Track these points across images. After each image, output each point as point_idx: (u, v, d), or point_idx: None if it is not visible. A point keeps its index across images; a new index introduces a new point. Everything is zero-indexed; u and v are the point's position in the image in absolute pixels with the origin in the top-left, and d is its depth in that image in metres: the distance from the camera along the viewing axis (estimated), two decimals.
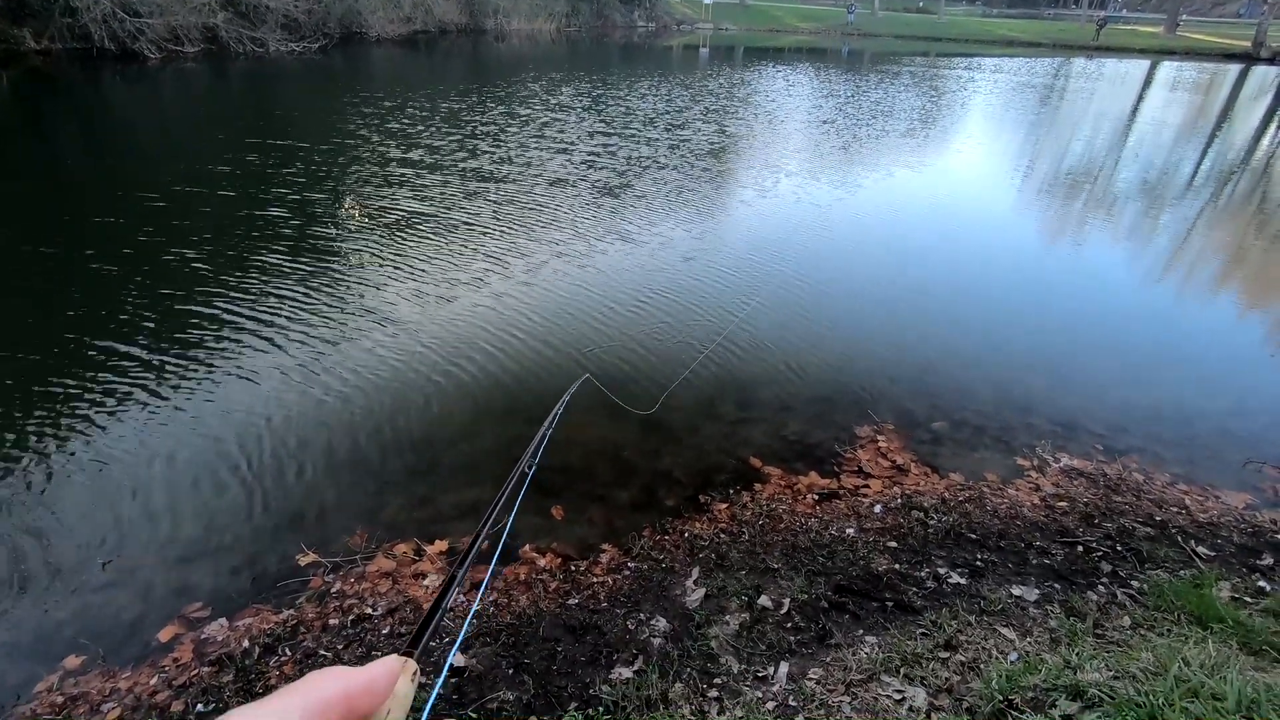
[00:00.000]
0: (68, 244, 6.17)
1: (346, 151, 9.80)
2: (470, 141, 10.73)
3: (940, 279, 6.50)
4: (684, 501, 3.44)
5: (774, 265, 6.47)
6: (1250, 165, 12.50)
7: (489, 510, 0.88)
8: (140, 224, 6.68)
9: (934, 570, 3.00)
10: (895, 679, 2.42)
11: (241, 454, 3.63)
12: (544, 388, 4.36)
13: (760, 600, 2.80)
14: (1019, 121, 15.90)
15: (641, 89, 17.10)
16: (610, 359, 4.73)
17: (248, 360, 4.51)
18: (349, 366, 4.49)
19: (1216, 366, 5.11)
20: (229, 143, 9.92)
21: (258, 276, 5.69)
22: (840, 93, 18.17)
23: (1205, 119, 17.64)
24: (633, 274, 6.09)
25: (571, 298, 5.57)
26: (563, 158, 10.01)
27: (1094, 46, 36.21)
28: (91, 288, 5.37)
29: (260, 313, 5.11)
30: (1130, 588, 2.94)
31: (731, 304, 5.59)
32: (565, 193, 8.35)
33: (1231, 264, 7.59)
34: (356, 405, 4.11)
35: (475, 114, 12.97)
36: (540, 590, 2.84)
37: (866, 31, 40.28)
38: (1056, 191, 10.00)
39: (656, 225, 7.35)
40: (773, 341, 5.07)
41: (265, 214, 7.08)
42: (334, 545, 3.05)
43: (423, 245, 6.53)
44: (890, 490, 3.53)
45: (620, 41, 32.29)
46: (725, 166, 10.17)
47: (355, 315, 5.16)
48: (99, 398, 4.02)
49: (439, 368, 4.52)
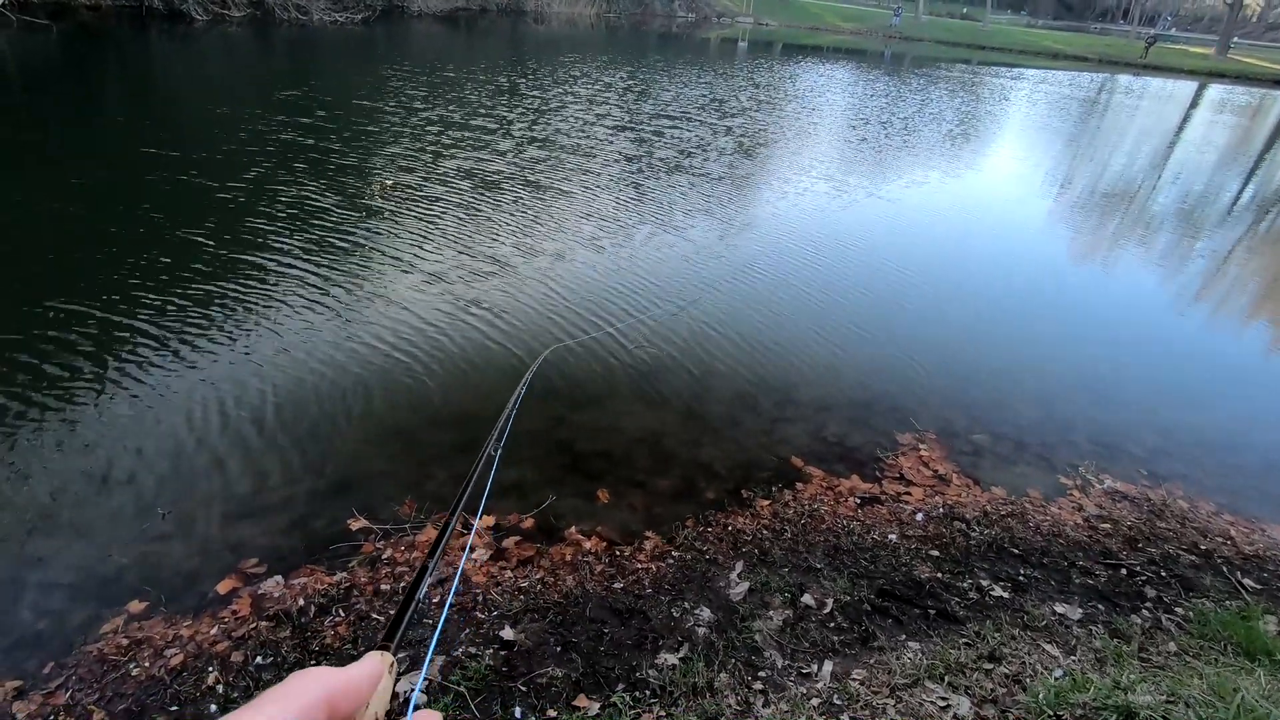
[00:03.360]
0: (127, 197, 6.26)
1: (380, 125, 9.83)
2: (507, 123, 10.73)
3: (981, 290, 6.45)
4: (726, 495, 3.46)
5: (811, 266, 6.44)
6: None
7: (458, 495, 0.86)
8: (198, 180, 6.76)
9: (976, 582, 3.00)
10: (939, 686, 2.44)
11: (294, 415, 3.69)
12: (586, 371, 4.39)
13: (803, 598, 2.82)
14: (1067, 135, 15.66)
15: (682, 79, 17.00)
16: (649, 344, 4.75)
17: (301, 320, 4.57)
18: (401, 335, 4.53)
19: (1264, 399, 5.05)
20: (264, 109, 9.98)
21: (313, 232, 5.74)
22: (890, 95, 17.96)
23: (1252, 144, 17.28)
24: (673, 266, 6.09)
25: (615, 283, 5.58)
26: (597, 144, 9.99)
27: (1141, 64, 35.45)
28: (152, 242, 5.45)
29: (317, 274, 5.16)
30: (1174, 614, 2.93)
31: (768, 300, 5.59)
32: (603, 178, 8.35)
33: (1269, 295, 7.46)
34: (405, 376, 4.15)
35: (514, 95, 12.97)
36: (586, 572, 2.87)
37: (909, 35, 39.72)
38: (1101, 208, 9.86)
39: (693, 221, 7.34)
40: (811, 341, 5.06)
41: (338, 164, 7.14)
42: (383, 513, 3.10)
43: (480, 218, 6.56)
44: (932, 499, 3.53)
45: (659, 30, 32.10)
46: (763, 166, 10.10)
47: (407, 284, 5.20)
48: (156, 347, 4.10)
49: (488, 343, 4.55)
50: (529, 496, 3.30)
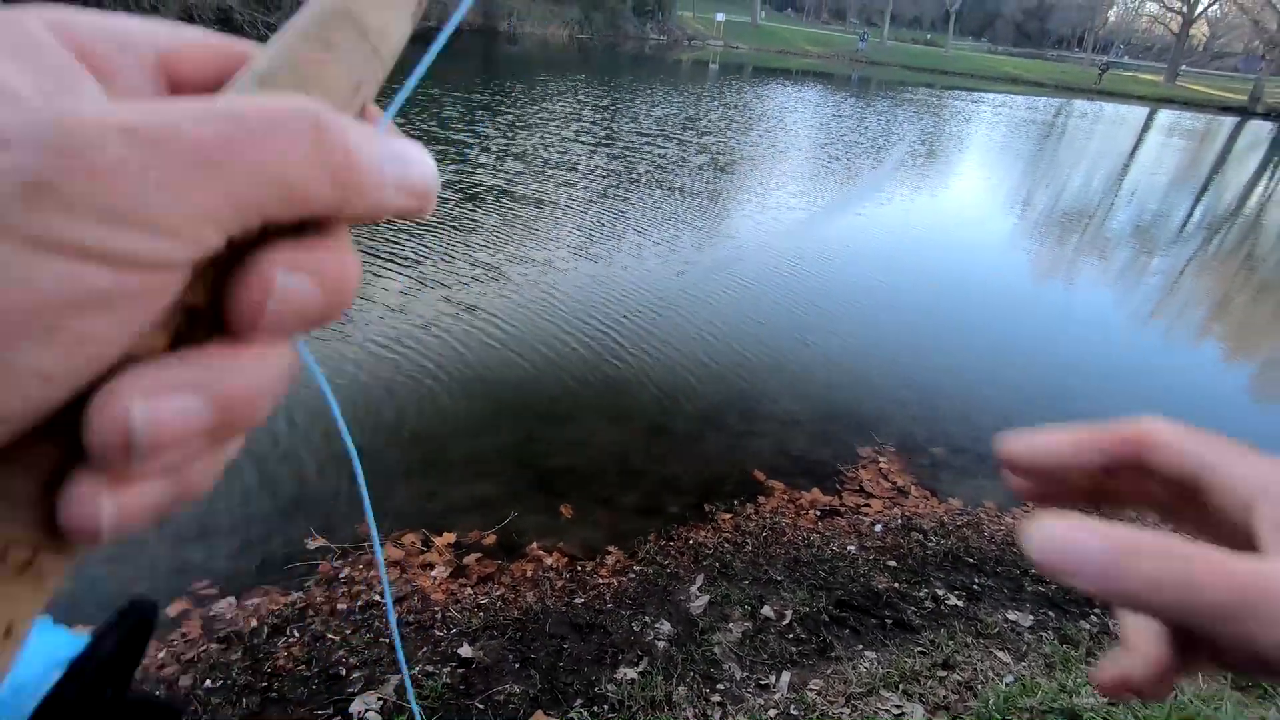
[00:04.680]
0: None
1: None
2: (481, 138, 10.79)
3: (944, 306, 6.61)
4: (688, 509, 3.49)
5: (780, 282, 6.55)
6: (1242, 215, 12.80)
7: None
8: None
9: (932, 591, 3.06)
10: (894, 694, 2.48)
11: (250, 433, 3.64)
12: (555, 387, 4.41)
13: (763, 610, 2.85)
14: (1027, 157, 16.20)
15: (657, 99, 17.25)
16: (619, 361, 4.78)
17: None
18: (354, 355, 4.50)
19: (1210, 406, 5.24)
20: None
21: None
22: (858, 116, 18.42)
23: (1201, 167, 18.04)
24: (639, 280, 6.15)
25: (579, 299, 5.61)
26: (574, 160, 10.09)
27: (1095, 90, 36.89)
28: None
29: None
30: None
31: (738, 316, 5.67)
32: (575, 194, 8.42)
33: (1219, 310, 7.77)
34: (361, 394, 4.12)
35: (486, 111, 13.05)
36: (547, 588, 2.87)
37: (875, 60, 40.85)
38: (1059, 227, 10.20)
39: (665, 237, 7.43)
40: (778, 356, 5.14)
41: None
42: (342, 532, 3.07)
43: (432, 237, 6.56)
44: (890, 511, 3.60)
45: (631, 52, 32.58)
46: (734, 183, 10.27)
47: (361, 304, 5.18)
48: None
49: (447, 361, 4.55)
50: (492, 512, 3.29)
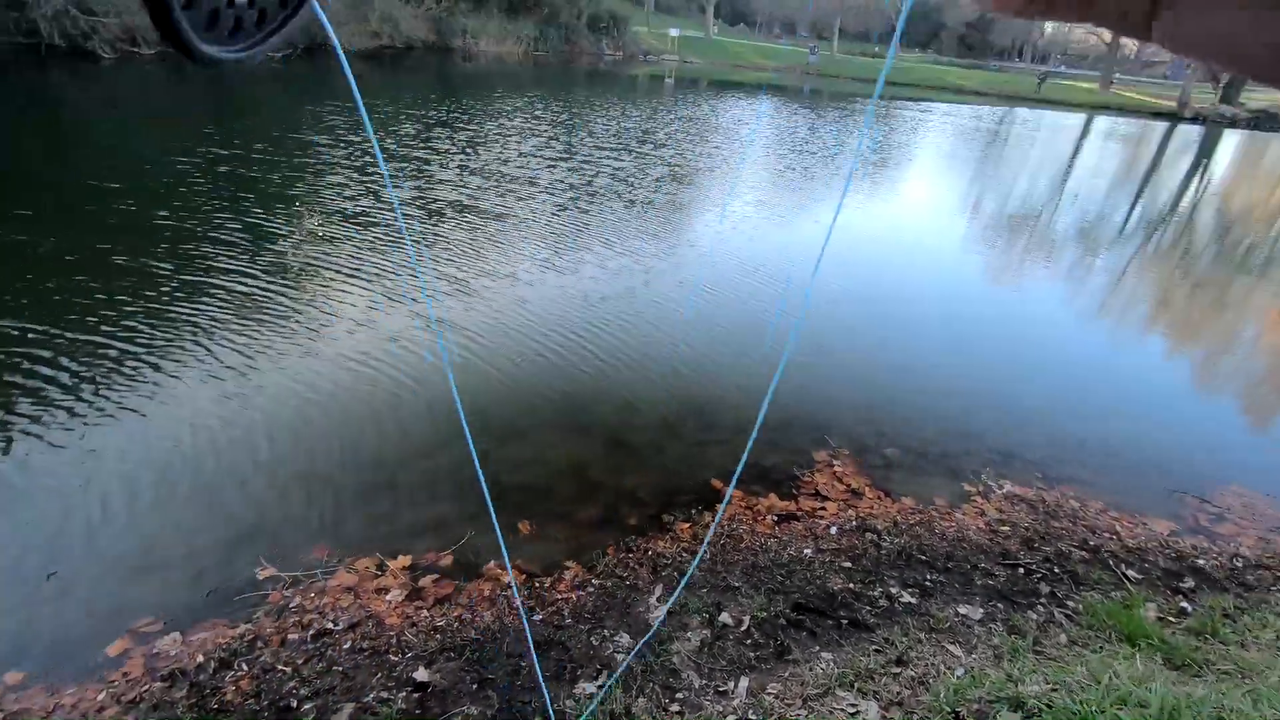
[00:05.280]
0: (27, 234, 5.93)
1: (316, 157, 9.69)
2: (435, 155, 10.73)
3: (895, 311, 6.78)
4: (647, 520, 3.50)
5: (737, 291, 6.65)
6: (1176, 214, 13.42)
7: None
8: (91, 224, 6.47)
9: (886, 590, 3.13)
10: (850, 694, 2.52)
11: (196, 465, 3.55)
12: (514, 403, 4.39)
13: (721, 617, 2.88)
14: (975, 163, 16.73)
15: (614, 113, 17.38)
16: (578, 375, 4.79)
17: (202, 368, 4.41)
18: (308, 380, 4.43)
19: (1145, 402, 5.46)
20: (181, 146, 9.68)
21: (211, 282, 5.57)
22: (811, 126, 18.81)
23: (1136, 170, 18.87)
24: (601, 292, 6.18)
25: (541, 313, 5.62)
26: (530, 176, 10.10)
27: (1036, 98, 38.38)
28: (30, 290, 5.17)
29: (214, 321, 5.00)
30: (1067, 607, 3.12)
31: (696, 326, 5.73)
32: (526, 211, 8.43)
33: (1157, 306, 8.13)
34: (315, 419, 4.06)
35: (444, 128, 12.98)
36: (505, 606, 2.85)
37: (826, 72, 41.81)
38: (1006, 230, 10.54)
39: (624, 249, 7.48)
40: (735, 364, 5.21)
41: (220, 218, 6.94)
42: (294, 559, 3.00)
43: (385, 256, 6.49)
44: (845, 513, 3.67)
45: (588, 68, 32.77)
46: (691, 193, 10.39)
47: (313, 327, 5.10)
48: (41, 405, 3.88)
49: (400, 384, 4.50)
50: (449, 532, 3.26)
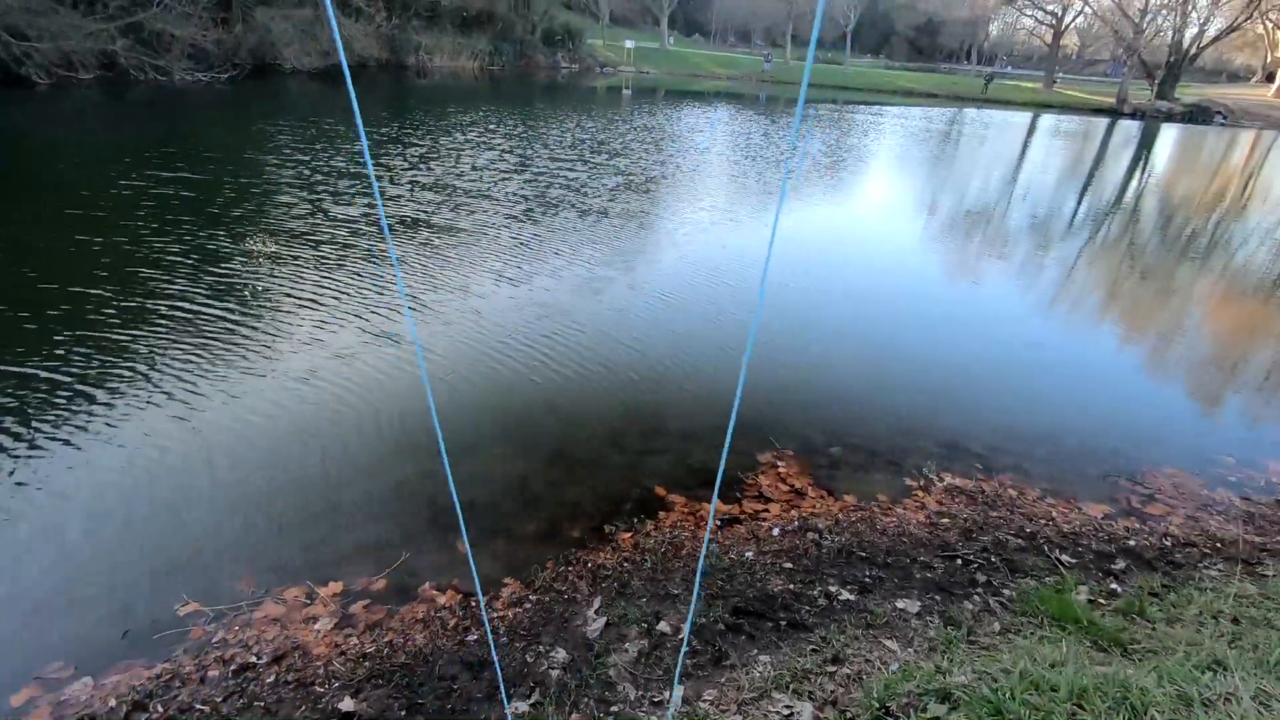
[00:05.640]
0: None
1: (264, 177, 9.51)
2: (386, 171, 10.62)
3: (844, 310, 6.86)
4: (589, 532, 3.47)
5: (683, 297, 6.68)
6: (1120, 207, 13.87)
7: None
8: (18, 252, 6.25)
9: (826, 589, 3.14)
10: (785, 695, 2.51)
11: (127, 497, 3.42)
12: (456, 420, 4.33)
13: (659, 626, 2.86)
14: (927, 163, 17.10)
15: (572, 125, 17.40)
16: (523, 385, 4.75)
17: (138, 395, 4.27)
18: (249, 404, 4.32)
19: (1081, 389, 5.60)
20: (139, 166, 9.44)
21: (152, 307, 5.41)
22: (767, 133, 19.05)
23: (1082, 165, 19.49)
24: (551, 303, 6.15)
25: (493, 326, 5.57)
26: (484, 189, 10.04)
27: (983, 99, 39.50)
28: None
29: (153, 347, 4.86)
30: (1002, 596, 3.16)
31: (641, 333, 5.73)
32: (478, 224, 8.37)
33: (1097, 297, 8.37)
34: (247, 444, 3.95)
35: (396, 145, 12.86)
36: (438, 628, 2.79)
37: (780, 79, 42.48)
38: (951, 229, 10.78)
39: (573, 261, 7.47)
40: (682, 370, 5.22)
41: (161, 244, 6.76)
42: (220, 592, 2.91)
43: (330, 280, 6.38)
44: (788, 514, 3.68)
45: (544, 81, 32.81)
46: (648, 202, 10.43)
47: (257, 349, 4.98)
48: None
49: (336, 405, 4.42)
50: (384, 556, 3.19)
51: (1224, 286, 8.91)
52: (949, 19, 65.88)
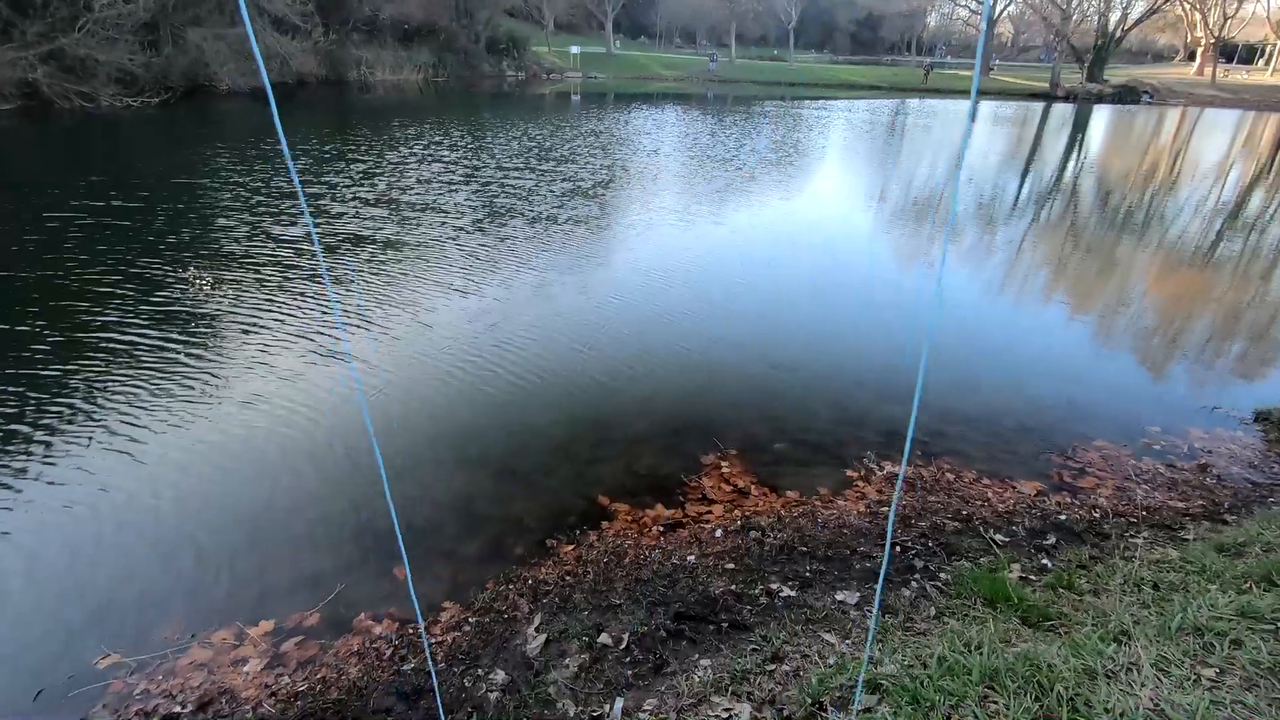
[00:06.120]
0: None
1: (203, 200, 9.24)
2: (329, 189, 10.41)
3: (782, 308, 6.94)
4: (531, 547, 3.45)
5: (619, 302, 6.68)
6: (1060, 188, 14.33)
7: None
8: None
9: (767, 587, 3.16)
10: (724, 698, 2.52)
11: (44, 544, 3.28)
12: (396, 444, 4.25)
13: (600, 638, 2.84)
14: (876, 154, 17.42)
15: (521, 133, 17.29)
16: (471, 397, 4.69)
17: (67, 433, 4.10)
18: (183, 437, 4.18)
19: (1018, 369, 5.76)
20: (49, 202, 9.07)
21: (85, 339, 5.20)
22: (716, 132, 19.19)
23: (1022, 149, 20.09)
24: (490, 318, 6.09)
25: (429, 345, 5.49)
26: (429, 201, 9.92)
27: (924, 89, 40.52)
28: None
29: (87, 381, 4.67)
30: (939, 580, 3.22)
31: (586, 338, 5.72)
32: (426, 237, 8.26)
33: (1033, 278, 8.63)
34: (184, 478, 3.83)
35: (339, 161, 12.62)
36: (373, 659, 2.73)
37: (727, 78, 42.94)
38: (893, 218, 10.99)
39: (523, 265, 7.42)
40: (628, 376, 5.22)
41: (93, 275, 6.52)
42: (143, 640, 2.80)
43: (273, 301, 6.23)
44: (731, 514, 3.70)
45: (490, 90, 32.58)
46: (593, 207, 10.42)
47: (194, 379, 4.83)
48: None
49: (279, 430, 4.31)
50: (318, 589, 3.12)
51: (1156, 262, 9.26)
52: (888, 12, 67.37)
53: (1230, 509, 3.84)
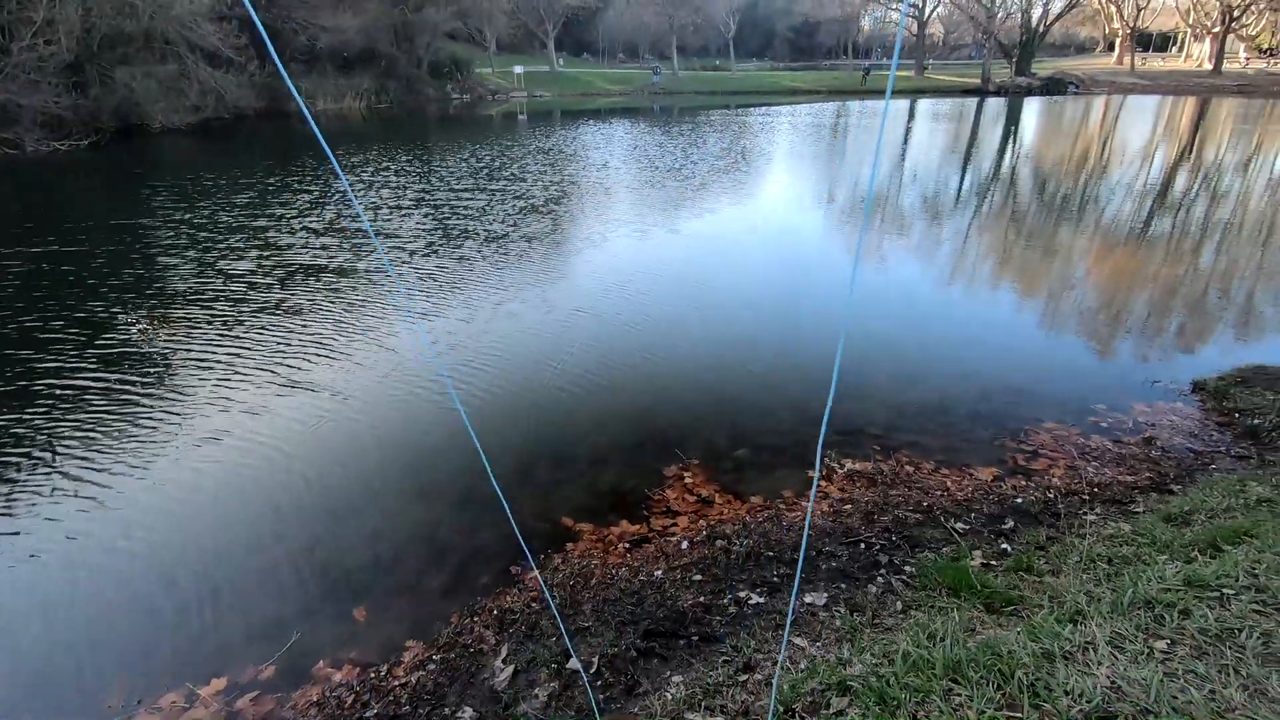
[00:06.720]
0: None
1: (144, 241, 8.93)
2: (273, 222, 10.16)
3: (739, 312, 6.99)
4: (497, 575, 3.37)
5: (574, 317, 6.65)
6: (998, 178, 14.80)
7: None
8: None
9: (736, 595, 3.15)
10: (698, 714, 2.49)
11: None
12: (358, 475, 4.14)
13: (570, 664, 2.78)
14: (823, 156, 17.76)
15: (468, 155, 17.16)
16: (426, 426, 4.60)
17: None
18: (125, 488, 3.99)
19: (968, 357, 5.89)
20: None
21: (28, 387, 4.96)
22: (663, 143, 19.33)
23: (959, 143, 20.72)
24: (453, 338, 6.00)
25: (393, 370, 5.37)
26: (379, 227, 9.75)
27: (862, 91, 41.63)
28: None
29: (29, 430, 4.43)
30: (904, 573, 3.25)
31: (544, 358, 5.66)
32: (378, 263, 8.12)
33: (978, 267, 8.87)
34: (123, 530, 3.65)
35: (284, 193, 12.33)
36: (334, 708, 2.63)
37: (671, 90, 43.45)
38: (842, 217, 11.20)
39: (479, 284, 7.33)
40: (587, 392, 5.18)
41: (34, 322, 6.22)
42: (84, 710, 2.65)
43: (230, 336, 6.02)
44: (696, 525, 3.68)
45: (436, 114, 32.35)
46: (545, 223, 10.38)
47: (149, 424, 4.63)
48: None
49: (227, 480, 4.15)
50: (273, 638, 2.99)
51: (1094, 244, 9.60)
52: (824, 18, 69.16)
53: (1175, 479, 3.97)
